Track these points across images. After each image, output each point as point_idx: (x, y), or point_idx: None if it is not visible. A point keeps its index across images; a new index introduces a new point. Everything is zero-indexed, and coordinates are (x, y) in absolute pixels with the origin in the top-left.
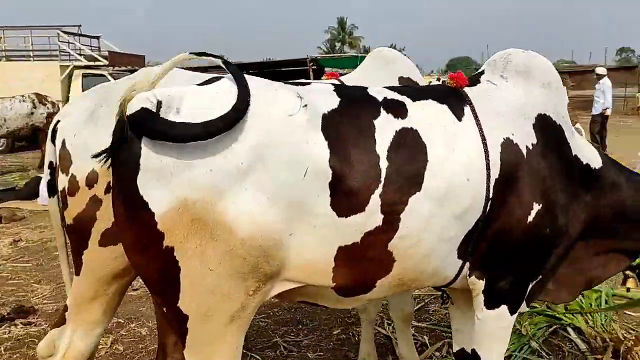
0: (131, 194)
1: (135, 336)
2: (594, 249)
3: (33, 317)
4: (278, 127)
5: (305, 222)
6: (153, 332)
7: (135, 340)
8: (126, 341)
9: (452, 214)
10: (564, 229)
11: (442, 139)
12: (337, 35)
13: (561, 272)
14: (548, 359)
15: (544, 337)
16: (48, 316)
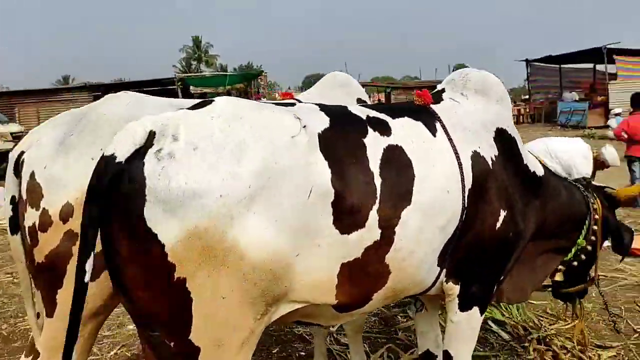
0: (137, 227)
1: None
2: (539, 249)
3: None
4: (282, 149)
5: (311, 242)
6: None
7: None
8: None
9: (437, 225)
10: (523, 233)
11: (423, 155)
12: (193, 53)
13: (514, 273)
14: (479, 350)
15: None
16: None
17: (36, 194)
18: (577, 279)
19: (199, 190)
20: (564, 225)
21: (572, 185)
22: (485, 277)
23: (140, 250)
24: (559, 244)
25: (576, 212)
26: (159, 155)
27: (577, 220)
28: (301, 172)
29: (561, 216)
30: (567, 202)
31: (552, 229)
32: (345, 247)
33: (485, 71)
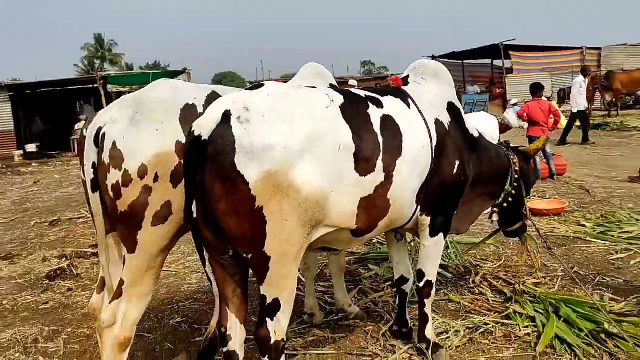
0: (229, 171)
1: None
2: (476, 193)
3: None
4: (320, 117)
5: (340, 182)
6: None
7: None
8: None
9: (417, 172)
10: (469, 178)
11: (406, 121)
12: (96, 52)
13: (459, 211)
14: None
15: None
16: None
17: (119, 159)
18: (511, 218)
19: (270, 144)
20: (494, 175)
21: (497, 146)
22: (446, 210)
23: (232, 188)
24: (491, 189)
25: (502, 165)
26: (239, 120)
27: (503, 171)
28: (333, 133)
29: (491, 168)
30: (496, 157)
31: (485, 178)
32: (362, 186)
33: (435, 61)
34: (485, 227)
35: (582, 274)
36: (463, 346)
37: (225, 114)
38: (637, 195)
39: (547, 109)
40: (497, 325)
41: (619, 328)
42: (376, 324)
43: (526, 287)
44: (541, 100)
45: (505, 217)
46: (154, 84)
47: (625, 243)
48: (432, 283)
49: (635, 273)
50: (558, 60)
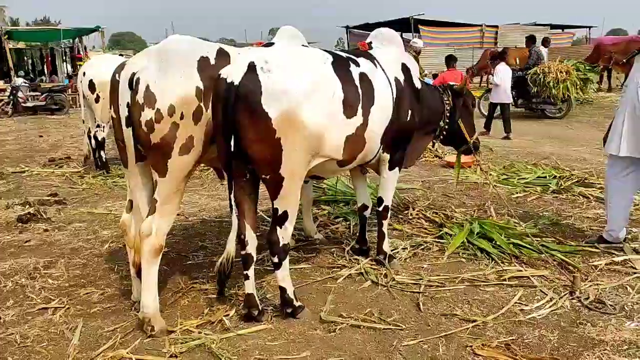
0: (257, 108)
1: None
2: (420, 133)
3: None
4: (319, 69)
5: (333, 122)
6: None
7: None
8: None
9: (384, 117)
10: (416, 123)
11: (376, 77)
12: None
13: (409, 149)
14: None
15: None
16: None
17: (152, 99)
18: (455, 143)
19: (287, 89)
20: (433, 115)
21: (433, 90)
22: (401, 149)
23: (258, 122)
24: (431, 127)
25: (438, 107)
26: (263, 70)
27: (440, 112)
28: (329, 83)
29: (430, 111)
30: (433, 102)
31: (426, 119)
32: (348, 126)
33: (388, 29)
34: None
35: (495, 207)
36: (409, 258)
37: (251, 65)
38: (529, 152)
39: (459, 78)
40: (434, 243)
41: (521, 239)
42: (338, 246)
43: (453, 215)
44: (455, 70)
45: (450, 142)
46: (173, 39)
47: (522, 186)
48: (388, 207)
49: (532, 206)
50: (461, 36)
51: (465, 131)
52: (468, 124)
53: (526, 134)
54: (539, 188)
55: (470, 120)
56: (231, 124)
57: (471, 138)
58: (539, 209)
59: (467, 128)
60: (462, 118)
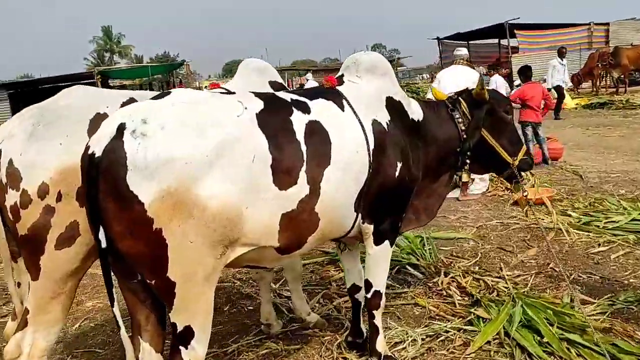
0: (121, 189)
1: None
2: (433, 177)
3: None
4: (230, 126)
5: (257, 197)
6: None
7: None
8: None
9: (351, 178)
10: (416, 174)
11: (336, 126)
12: (105, 45)
13: (416, 204)
14: (401, 289)
15: (391, 276)
16: None
17: (16, 178)
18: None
19: (169, 159)
20: (445, 150)
21: (440, 108)
22: (391, 215)
23: (125, 209)
24: (448, 164)
25: (451, 135)
26: (134, 134)
27: (452, 138)
28: (246, 143)
29: (440, 145)
30: (442, 132)
31: (437, 160)
32: (283, 201)
33: (371, 52)
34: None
35: (557, 271)
36: (420, 356)
37: (120, 128)
38: (632, 179)
39: (540, 93)
40: (458, 333)
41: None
42: (335, 332)
43: (496, 287)
44: (534, 83)
45: (484, 169)
46: (64, 92)
47: (610, 234)
48: (380, 293)
49: (614, 269)
50: (565, 38)
51: (500, 149)
52: (505, 139)
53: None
54: (631, 237)
55: (507, 133)
56: (96, 211)
57: (514, 158)
58: (625, 274)
59: (503, 145)
60: (493, 132)
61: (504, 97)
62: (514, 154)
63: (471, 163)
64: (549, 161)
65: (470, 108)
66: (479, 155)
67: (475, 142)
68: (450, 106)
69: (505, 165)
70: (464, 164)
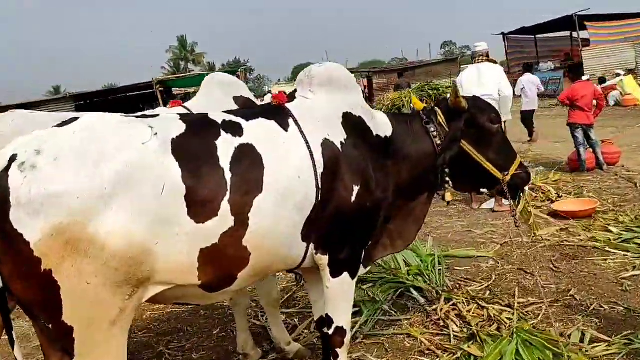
0: (6, 229)
1: None
2: (409, 198)
3: None
4: (134, 155)
5: (169, 231)
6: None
7: None
8: None
9: (291, 206)
10: (382, 198)
11: (274, 149)
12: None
13: (390, 228)
14: (397, 317)
15: (392, 301)
16: None
17: None
18: (472, 185)
19: (59, 193)
20: (420, 168)
21: (415, 121)
22: (350, 245)
23: (11, 249)
24: (427, 182)
25: (426, 150)
26: (21, 167)
27: (427, 154)
28: (153, 173)
29: (414, 162)
30: (415, 149)
31: (412, 177)
32: (201, 235)
33: (327, 64)
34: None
35: (579, 300)
36: None
37: (11, 159)
38: None
39: (591, 92)
40: None
41: None
42: None
43: (500, 318)
44: (585, 81)
45: (471, 187)
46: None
47: None
48: (344, 330)
49: None
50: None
51: (486, 164)
52: (492, 151)
53: None
54: None
55: (494, 145)
56: None
57: (504, 172)
58: None
59: (490, 158)
60: (476, 145)
61: (487, 105)
62: (504, 168)
63: (454, 180)
64: (603, 166)
65: (448, 119)
66: (462, 171)
67: (454, 157)
68: (425, 118)
69: (494, 181)
70: (444, 182)
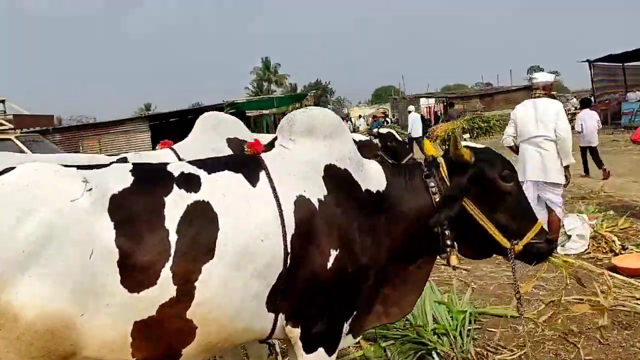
0: None
1: None
2: (405, 261)
3: None
4: (60, 214)
5: (97, 302)
6: None
7: None
8: None
9: (251, 274)
10: (369, 262)
11: (235, 207)
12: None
13: (386, 293)
14: None
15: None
16: None
17: None
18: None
19: None
20: (415, 224)
21: (415, 173)
22: (327, 316)
23: None
24: (422, 243)
25: (419, 206)
26: None
27: (424, 213)
28: (81, 234)
29: (412, 221)
30: (410, 201)
31: (409, 238)
32: (136, 306)
33: (312, 109)
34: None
35: None
36: None
37: None
38: None
39: None
40: None
41: None
42: None
43: None
44: None
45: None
46: None
47: None
48: None
49: None
50: None
51: (492, 229)
52: (501, 215)
53: None
54: None
55: (503, 207)
56: None
57: (514, 241)
58: None
59: (498, 222)
60: (482, 205)
61: (498, 159)
62: (516, 235)
63: (458, 243)
64: None
65: (451, 173)
66: (465, 234)
67: (454, 217)
68: (425, 170)
69: (501, 249)
70: (445, 245)
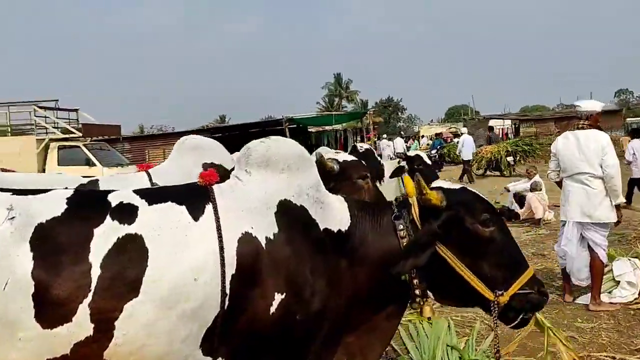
0: None
1: None
2: (371, 308)
3: None
4: None
5: (10, 335)
6: None
7: None
8: None
9: (181, 314)
10: (323, 309)
11: (170, 242)
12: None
13: (349, 342)
14: None
15: None
16: None
17: None
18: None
19: None
20: (380, 270)
21: (384, 213)
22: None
23: None
24: (389, 289)
25: (385, 250)
26: None
27: (391, 258)
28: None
29: (373, 264)
30: (375, 243)
31: (369, 282)
32: (48, 342)
33: (274, 140)
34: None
35: None
36: None
37: None
38: None
39: None
40: None
41: None
42: None
43: None
44: None
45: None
46: None
47: None
48: None
49: None
50: None
51: (472, 279)
52: (483, 263)
53: None
54: None
55: (486, 254)
56: None
57: (498, 292)
58: None
59: (479, 272)
60: (461, 253)
61: (477, 201)
62: (499, 286)
63: (434, 291)
64: None
65: (422, 216)
66: (441, 282)
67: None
68: (395, 211)
69: (483, 300)
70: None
